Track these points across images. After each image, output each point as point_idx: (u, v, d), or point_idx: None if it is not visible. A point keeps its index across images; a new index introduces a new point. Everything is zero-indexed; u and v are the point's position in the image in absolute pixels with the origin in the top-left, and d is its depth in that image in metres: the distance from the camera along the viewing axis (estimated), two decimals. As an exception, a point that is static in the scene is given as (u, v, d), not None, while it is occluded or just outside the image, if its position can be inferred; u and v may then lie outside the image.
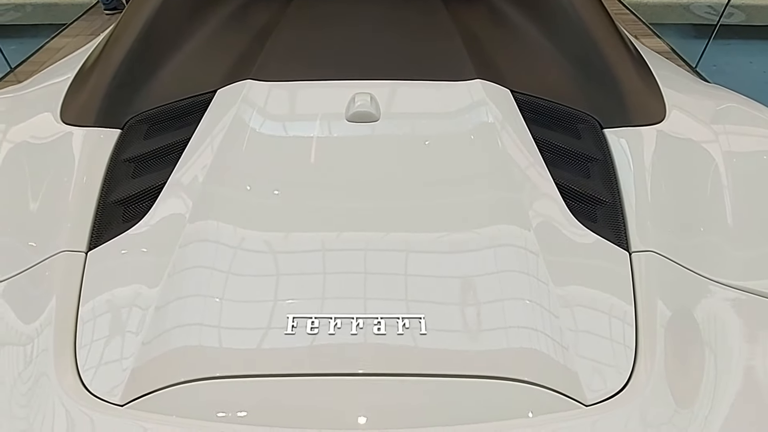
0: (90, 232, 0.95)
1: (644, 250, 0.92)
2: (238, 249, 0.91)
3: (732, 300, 0.85)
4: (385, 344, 0.81)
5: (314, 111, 1.16)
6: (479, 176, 1.02)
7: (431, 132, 1.12)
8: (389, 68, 1.23)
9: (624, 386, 0.78)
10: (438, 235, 0.93)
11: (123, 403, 0.76)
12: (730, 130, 1.13)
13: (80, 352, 0.81)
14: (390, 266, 0.90)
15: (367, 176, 1.03)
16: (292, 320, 0.83)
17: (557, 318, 0.84)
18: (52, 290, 0.86)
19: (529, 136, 1.10)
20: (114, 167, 1.07)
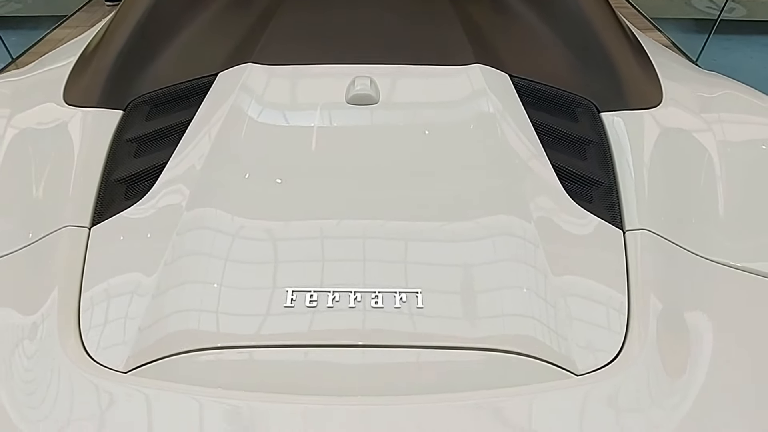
0: (93, 209, 0.98)
1: (637, 228, 0.95)
2: (239, 227, 0.93)
3: (722, 276, 0.87)
4: (382, 317, 0.83)
5: (314, 94, 1.18)
6: (477, 158, 1.04)
7: (430, 115, 1.14)
8: (389, 53, 1.25)
9: (615, 357, 0.80)
10: (435, 214, 0.96)
11: (126, 371, 0.78)
12: (726, 116, 1.16)
13: (84, 322, 0.83)
14: (388, 245, 0.92)
15: (366, 158, 1.05)
16: (291, 293, 0.85)
17: (551, 292, 0.86)
18: (56, 263, 0.88)
19: (527, 119, 1.12)
20: (116, 147, 1.09)
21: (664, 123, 1.13)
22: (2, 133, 1.10)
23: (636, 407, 0.74)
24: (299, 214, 0.96)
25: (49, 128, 1.11)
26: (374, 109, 1.13)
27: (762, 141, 1.12)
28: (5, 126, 1.12)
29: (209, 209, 0.96)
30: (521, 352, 0.80)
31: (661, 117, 1.14)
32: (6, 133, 1.10)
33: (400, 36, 1.30)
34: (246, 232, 0.93)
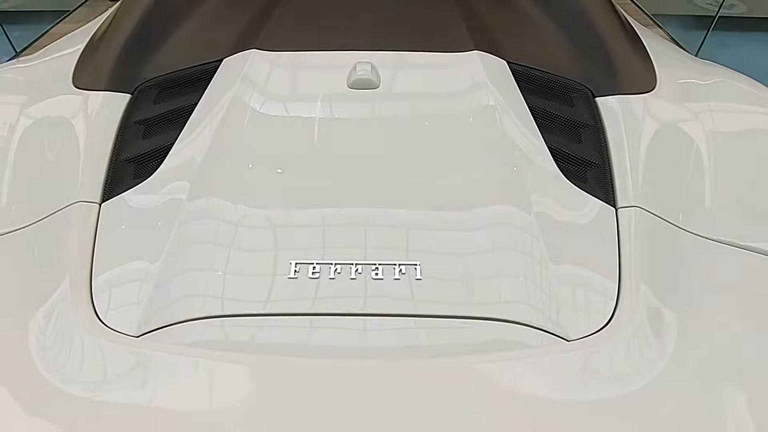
0: (103, 186, 1.02)
1: (629, 205, 0.99)
2: (245, 204, 0.98)
3: (709, 250, 0.91)
4: (382, 287, 0.87)
5: (317, 79, 1.22)
6: (474, 141, 1.08)
7: (430, 100, 1.18)
8: (390, 40, 1.29)
9: (606, 324, 0.84)
10: (434, 193, 1.00)
11: (137, 335, 0.82)
12: (718, 102, 1.20)
13: (96, 290, 0.87)
14: (388, 221, 0.97)
15: (367, 141, 1.09)
16: (294, 266, 0.89)
17: (545, 265, 0.90)
18: (69, 235, 0.92)
19: (524, 104, 1.16)
20: (125, 128, 1.14)
21: (658, 107, 1.17)
22: (15, 116, 1.14)
23: (626, 371, 0.78)
24: (303, 192, 1.00)
25: (59, 111, 1.14)
26: (375, 94, 1.17)
27: (751, 126, 1.15)
28: (18, 110, 1.15)
29: (215, 187, 1.00)
30: (515, 321, 0.84)
31: (655, 101, 1.18)
32: (19, 117, 1.13)
33: (401, 23, 1.34)
34: (251, 208, 0.97)
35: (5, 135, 1.09)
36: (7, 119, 1.13)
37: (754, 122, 1.16)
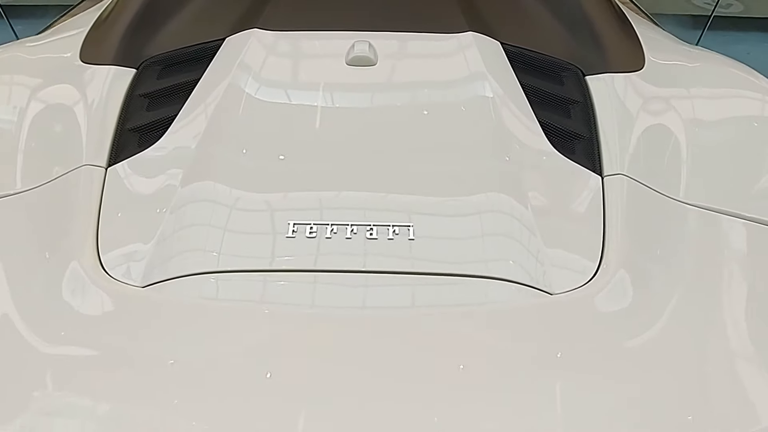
0: (109, 152, 1.07)
1: (614, 173, 1.04)
2: (244, 169, 1.03)
3: (691, 214, 0.96)
4: (377, 246, 0.92)
5: (316, 56, 1.28)
6: (467, 114, 1.14)
7: (426, 76, 1.24)
8: (387, 21, 1.34)
9: (588, 281, 0.89)
10: (427, 161, 1.05)
11: (141, 287, 0.87)
12: (703, 79, 1.26)
13: (102, 245, 0.92)
14: (383, 186, 1.02)
15: (363, 114, 1.15)
16: (292, 226, 0.94)
17: (532, 227, 0.95)
18: (76, 195, 0.98)
19: (516, 80, 1.21)
20: (130, 100, 1.19)
21: (645, 84, 1.22)
22: (25, 89, 1.19)
23: (606, 322, 0.83)
24: (301, 159, 1.05)
25: (67, 83, 1.20)
26: (372, 70, 1.22)
27: (734, 104, 1.22)
28: (27, 83, 1.20)
29: (216, 154, 1.05)
30: (502, 278, 0.89)
31: (642, 78, 1.23)
32: (28, 89, 1.18)
33: (398, 5, 1.39)
34: (251, 174, 1.03)
35: (16, 107, 1.14)
36: (17, 92, 1.18)
37: (736, 100, 1.22)
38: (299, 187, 1.01)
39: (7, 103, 1.13)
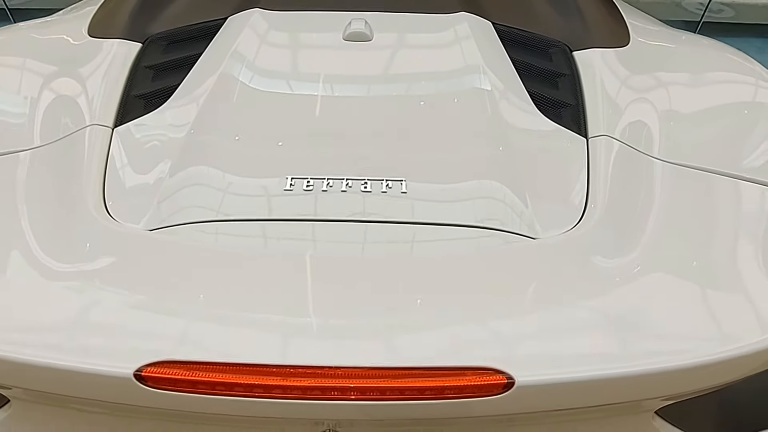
0: (115, 115, 1.13)
1: (599, 135, 1.10)
2: (244, 127, 1.09)
3: (671, 171, 1.01)
4: (370, 198, 0.97)
5: (315, 33, 1.35)
6: (457, 82, 1.20)
7: (420, 51, 1.32)
8: (383, 1, 1.41)
9: (572, 228, 0.94)
10: (419, 123, 1.12)
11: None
12: (686, 52, 1.35)
13: (108, 196, 0.98)
14: (377, 144, 1.08)
15: (358, 82, 1.22)
16: (290, 180, 1.00)
17: (519, 181, 1.01)
18: (85, 150, 1.03)
19: (505, 55, 1.28)
20: (136, 71, 1.25)
21: (630, 57, 1.29)
22: (36, 61, 1.25)
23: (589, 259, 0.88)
24: (298, 121, 1.11)
25: (77, 54, 1.27)
26: (368, 45, 1.29)
27: (714, 74, 1.28)
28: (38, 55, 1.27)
29: (218, 115, 1.11)
30: (490, 227, 0.94)
31: (627, 52, 1.31)
32: (39, 61, 1.25)
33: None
34: (250, 130, 1.09)
35: (31, 76, 1.21)
36: (32, 63, 1.24)
37: (714, 71, 1.29)
38: (297, 145, 1.07)
39: (23, 73, 1.21)
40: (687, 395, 0.77)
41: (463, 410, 0.70)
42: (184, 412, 0.72)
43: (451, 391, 0.69)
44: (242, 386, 0.68)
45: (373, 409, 0.70)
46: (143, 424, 0.77)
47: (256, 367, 0.70)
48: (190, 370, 0.69)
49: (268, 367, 0.70)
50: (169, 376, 0.68)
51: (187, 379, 0.68)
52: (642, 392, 0.74)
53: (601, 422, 0.79)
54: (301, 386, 0.69)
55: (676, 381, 0.74)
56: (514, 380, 0.69)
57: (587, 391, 0.72)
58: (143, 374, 0.68)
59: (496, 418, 0.74)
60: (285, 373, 0.69)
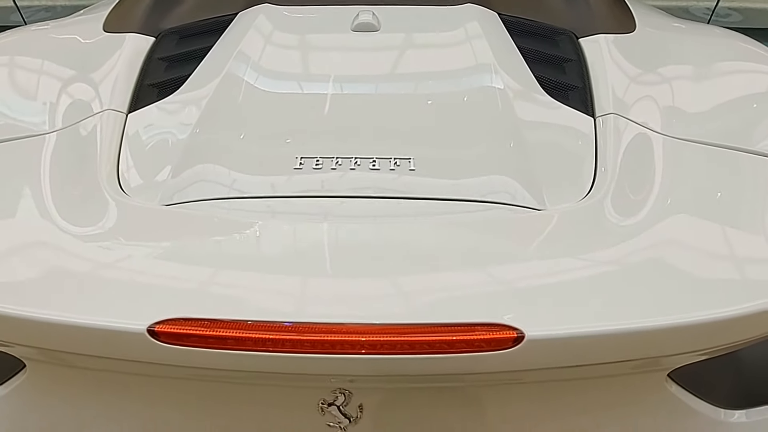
0: (130, 101, 1.17)
1: (606, 113, 1.11)
2: (254, 109, 1.13)
3: (677, 145, 1.02)
4: (379, 175, 0.99)
5: (323, 25, 1.39)
6: (464, 69, 1.22)
7: (427, 38, 1.35)
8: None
9: (580, 201, 0.95)
10: (427, 105, 1.16)
11: (159, 205, 0.95)
12: (693, 36, 1.37)
13: (122, 175, 1.01)
14: (385, 124, 1.11)
15: (366, 68, 1.26)
16: (300, 159, 1.02)
17: (527, 158, 1.03)
18: (99, 133, 1.07)
19: (511, 42, 1.30)
20: (149, 62, 1.30)
21: (636, 41, 1.31)
22: (57, 52, 1.31)
23: (597, 229, 0.89)
24: (307, 104, 1.15)
25: (93, 47, 1.32)
26: (376, 35, 1.32)
27: (717, 54, 1.30)
28: (55, 49, 1.33)
29: (227, 102, 1.14)
30: (498, 201, 0.96)
31: (634, 37, 1.33)
32: (59, 52, 1.31)
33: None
34: (260, 114, 1.12)
35: (50, 67, 1.26)
36: (50, 55, 1.29)
37: (722, 52, 1.32)
38: (306, 125, 1.10)
39: (45, 64, 1.26)
40: (698, 353, 0.77)
41: (474, 365, 0.71)
42: (197, 369, 0.73)
43: (462, 345, 0.69)
44: (252, 341, 0.70)
45: (383, 364, 0.71)
46: (157, 383, 0.79)
47: (267, 324, 0.71)
48: (201, 327, 0.70)
49: (279, 324, 0.71)
50: (181, 332, 0.70)
51: (198, 334, 0.70)
52: (651, 349, 0.75)
53: (613, 382, 0.79)
54: (311, 340, 0.70)
55: (686, 337, 0.74)
56: (524, 334, 0.70)
57: (597, 346, 0.72)
58: (156, 330, 0.70)
59: (507, 374, 0.74)
60: (295, 329, 0.71)
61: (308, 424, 0.80)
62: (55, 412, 0.84)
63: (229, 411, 0.82)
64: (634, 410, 0.83)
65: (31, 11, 4.22)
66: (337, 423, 0.80)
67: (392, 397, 0.81)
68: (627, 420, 0.83)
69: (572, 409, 0.82)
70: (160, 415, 0.83)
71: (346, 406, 0.79)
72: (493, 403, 0.81)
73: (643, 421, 0.83)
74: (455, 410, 0.81)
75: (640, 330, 0.71)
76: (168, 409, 0.82)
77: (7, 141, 1.04)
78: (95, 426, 0.83)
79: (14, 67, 1.28)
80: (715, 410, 0.84)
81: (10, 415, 0.84)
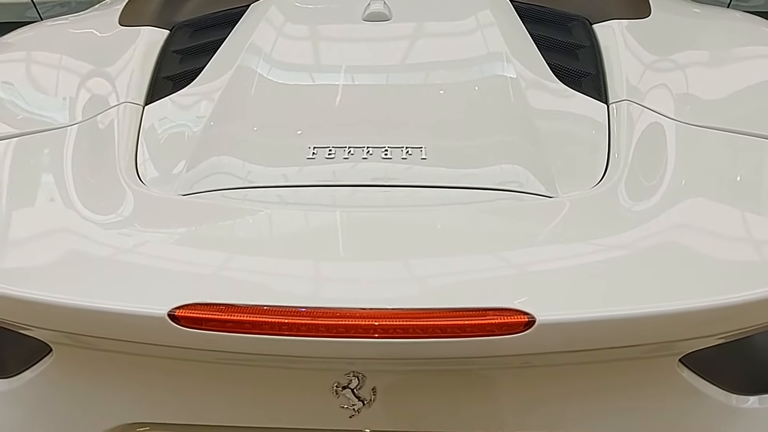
0: (146, 94, 1.20)
1: (619, 100, 1.11)
2: (267, 99, 1.15)
3: (692, 131, 1.02)
4: (391, 164, 1.01)
5: (334, 15, 1.40)
6: (475, 56, 1.23)
7: (439, 26, 1.35)
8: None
9: (592, 188, 0.95)
10: (438, 92, 1.17)
11: (177, 195, 0.98)
12: (708, 20, 1.36)
13: (140, 166, 1.04)
14: (397, 113, 1.12)
15: (378, 58, 1.27)
16: (312, 149, 1.04)
17: (540, 145, 1.03)
18: (117, 125, 1.10)
19: (523, 28, 1.31)
20: (164, 54, 1.32)
21: (651, 25, 1.31)
22: (74, 46, 1.35)
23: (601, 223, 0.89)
24: (319, 93, 1.18)
25: (109, 41, 1.35)
26: (387, 24, 1.33)
27: (738, 41, 1.29)
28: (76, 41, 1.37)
29: (240, 94, 1.16)
30: (510, 189, 0.97)
31: (648, 22, 1.32)
32: (76, 46, 1.35)
33: None
34: (272, 106, 1.14)
35: (68, 61, 1.29)
36: (68, 49, 1.32)
37: (739, 36, 1.30)
38: (318, 116, 1.12)
39: (64, 59, 1.29)
40: (711, 338, 0.78)
41: (486, 349, 0.73)
42: (215, 352, 0.76)
43: (473, 329, 0.71)
44: (269, 325, 0.72)
45: (395, 348, 0.73)
46: (177, 366, 0.82)
47: (283, 309, 0.73)
48: (220, 311, 0.73)
49: (294, 309, 0.73)
50: (200, 316, 0.72)
51: (216, 319, 0.72)
52: (662, 334, 0.75)
53: (624, 366, 0.80)
54: (325, 325, 0.72)
55: (698, 323, 0.75)
56: (536, 319, 0.71)
57: (608, 330, 0.73)
58: (176, 314, 0.73)
59: (518, 357, 0.76)
60: (310, 314, 0.73)
61: (322, 407, 0.83)
62: (80, 394, 0.87)
63: (245, 392, 0.86)
64: (644, 395, 0.84)
65: (46, 7, 4.28)
66: (351, 405, 0.83)
67: (404, 381, 0.84)
68: (638, 405, 0.84)
69: (582, 392, 0.84)
70: (180, 396, 0.87)
71: (359, 389, 0.82)
72: (503, 385, 0.83)
73: (654, 406, 0.85)
74: (467, 393, 0.83)
75: (651, 315, 0.72)
76: (187, 390, 0.86)
77: (31, 134, 1.08)
78: (119, 407, 0.87)
79: (34, 63, 1.31)
80: (727, 395, 0.85)
81: (38, 397, 0.88)
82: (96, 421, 0.88)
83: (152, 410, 0.87)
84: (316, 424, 0.86)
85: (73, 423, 0.89)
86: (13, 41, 1.43)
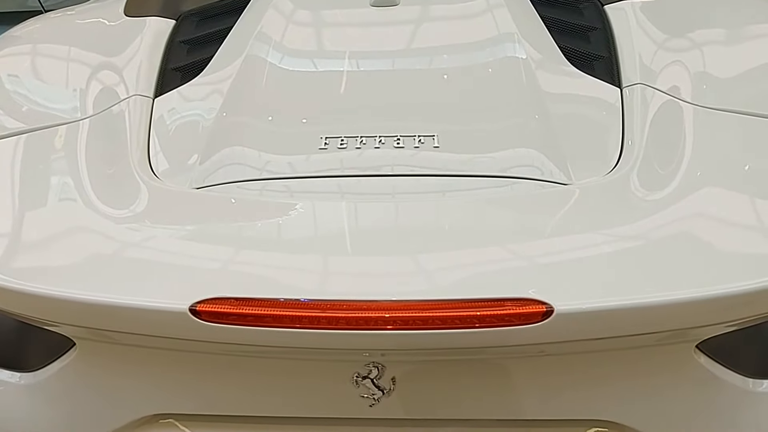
0: (155, 86, 1.21)
1: (632, 84, 1.11)
2: (278, 91, 1.15)
3: (706, 114, 1.01)
4: (403, 152, 1.02)
5: (341, 2, 1.39)
6: (486, 40, 1.23)
7: (447, 13, 1.33)
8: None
9: (607, 174, 0.96)
10: (449, 80, 1.16)
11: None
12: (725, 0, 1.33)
13: (152, 158, 1.05)
14: (408, 103, 1.13)
15: (387, 44, 1.26)
16: (324, 139, 1.05)
17: (554, 131, 1.04)
18: (128, 118, 1.11)
19: (534, 12, 1.30)
20: (171, 46, 1.33)
21: (664, 6, 1.30)
22: (82, 38, 1.35)
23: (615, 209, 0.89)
24: (330, 83, 1.17)
25: (116, 32, 1.35)
26: (395, 9, 1.33)
27: (747, 20, 1.27)
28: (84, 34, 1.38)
29: (250, 84, 1.17)
30: (523, 176, 0.97)
31: (662, 3, 1.31)
32: (84, 38, 1.35)
33: None
34: (283, 97, 1.15)
35: (77, 55, 1.29)
36: (76, 42, 1.33)
37: (753, 16, 1.27)
38: (329, 105, 1.13)
39: (72, 51, 1.30)
40: (727, 325, 0.79)
41: (504, 338, 0.74)
42: (237, 345, 0.78)
43: (492, 319, 0.72)
44: (289, 318, 0.73)
45: (414, 338, 0.74)
46: (199, 359, 0.84)
47: (302, 302, 0.74)
48: (240, 305, 0.74)
49: (314, 302, 0.74)
50: (221, 310, 0.74)
51: (237, 313, 0.74)
52: (679, 321, 0.76)
53: (640, 353, 0.81)
54: (345, 317, 0.73)
55: (715, 310, 0.76)
56: (553, 308, 0.72)
57: (625, 319, 0.74)
58: (198, 309, 0.74)
59: (536, 347, 0.77)
60: (330, 306, 0.74)
61: (343, 396, 0.85)
62: (103, 387, 0.90)
63: (265, 383, 0.88)
64: (661, 381, 0.85)
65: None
66: (371, 395, 0.84)
67: (423, 370, 0.85)
68: (655, 390, 0.85)
69: (598, 380, 0.85)
70: (201, 387, 0.89)
71: (379, 379, 0.84)
72: (522, 374, 0.85)
73: (671, 391, 0.86)
74: (485, 382, 0.85)
75: (668, 303, 0.73)
76: (208, 382, 0.88)
77: (43, 129, 1.08)
78: (142, 399, 0.89)
79: (42, 56, 1.32)
80: (743, 380, 0.86)
81: (63, 390, 0.90)
82: (119, 412, 0.90)
83: (174, 402, 0.89)
84: (336, 413, 0.89)
85: (97, 415, 0.92)
86: (20, 34, 1.44)
